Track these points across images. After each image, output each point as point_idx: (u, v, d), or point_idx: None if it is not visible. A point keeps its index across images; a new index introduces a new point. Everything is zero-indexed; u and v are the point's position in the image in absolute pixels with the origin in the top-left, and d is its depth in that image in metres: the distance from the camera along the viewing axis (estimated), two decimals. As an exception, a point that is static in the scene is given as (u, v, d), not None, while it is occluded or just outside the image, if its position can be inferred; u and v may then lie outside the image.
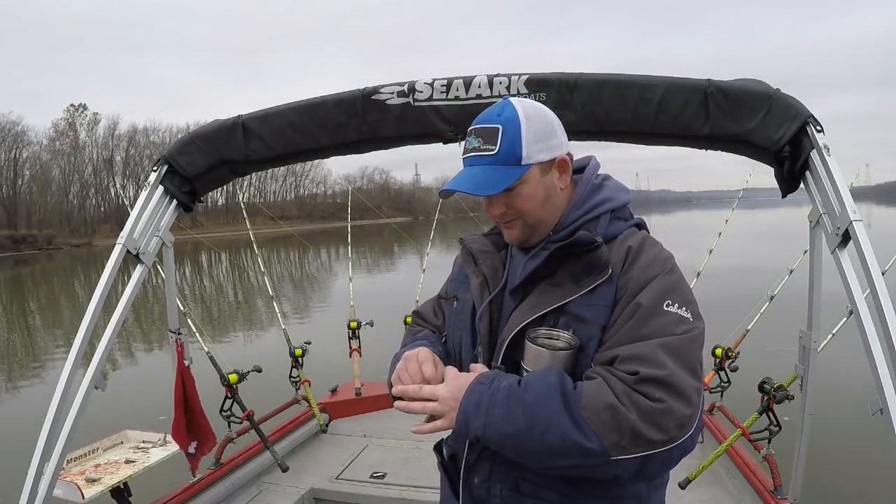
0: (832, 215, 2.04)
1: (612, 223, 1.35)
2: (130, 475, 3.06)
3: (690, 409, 1.11)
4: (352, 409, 4.69)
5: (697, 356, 1.17)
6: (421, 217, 66.89)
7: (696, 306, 1.22)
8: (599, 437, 1.08)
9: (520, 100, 1.35)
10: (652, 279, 1.22)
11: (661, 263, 1.25)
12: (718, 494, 3.27)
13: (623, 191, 1.41)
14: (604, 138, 2.49)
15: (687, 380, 1.12)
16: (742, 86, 2.24)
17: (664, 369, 1.11)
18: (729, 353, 3.68)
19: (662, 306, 1.18)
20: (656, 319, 1.17)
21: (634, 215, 1.42)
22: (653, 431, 1.08)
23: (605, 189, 1.39)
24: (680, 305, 1.19)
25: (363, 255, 31.18)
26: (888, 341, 1.79)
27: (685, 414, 1.10)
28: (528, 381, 1.18)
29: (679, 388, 1.10)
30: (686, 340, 1.16)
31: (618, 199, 1.38)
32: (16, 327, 17.16)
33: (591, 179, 1.40)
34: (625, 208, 1.40)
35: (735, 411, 3.68)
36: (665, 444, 1.09)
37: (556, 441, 1.10)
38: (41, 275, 37.02)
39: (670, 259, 1.28)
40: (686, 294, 1.23)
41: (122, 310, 2.47)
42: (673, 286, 1.22)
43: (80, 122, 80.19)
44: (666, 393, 1.10)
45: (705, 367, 3.91)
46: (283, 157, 2.74)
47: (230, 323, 15.25)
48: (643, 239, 1.31)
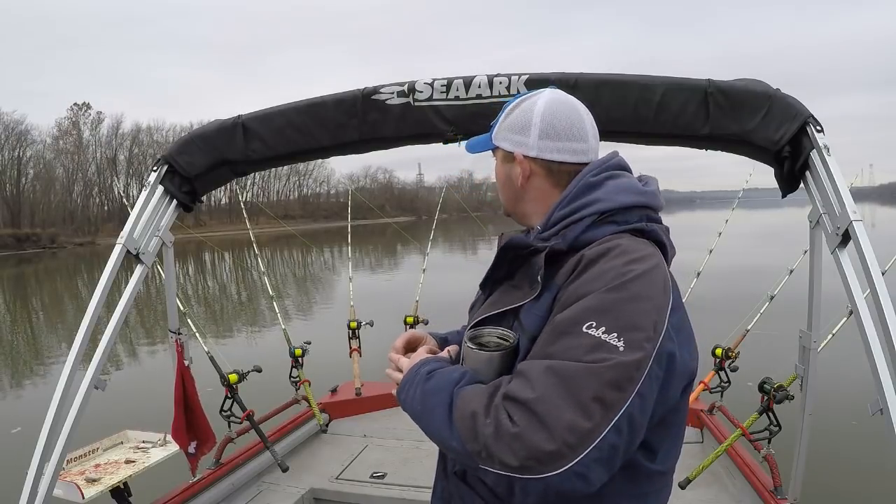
0: (832, 215, 2.04)
1: (595, 227, 1.19)
2: (130, 475, 3.06)
3: (553, 446, 0.95)
4: (352, 409, 4.69)
5: (596, 392, 0.97)
6: (424, 217, 66.91)
7: (640, 334, 1.02)
8: (463, 441, 1.05)
9: (544, 92, 1.33)
10: (585, 295, 1.06)
11: (610, 278, 1.06)
12: (718, 494, 3.27)
13: (626, 191, 1.23)
14: (604, 138, 2.45)
15: (560, 413, 0.96)
16: (742, 86, 2.24)
17: (532, 393, 0.99)
18: (729, 353, 3.67)
19: (581, 327, 1.03)
20: (566, 340, 1.03)
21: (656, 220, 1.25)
22: (504, 454, 0.98)
23: (600, 188, 1.23)
24: (608, 330, 1.01)
25: (366, 254, 31.19)
26: (888, 341, 1.79)
27: (542, 449, 0.96)
28: (438, 372, 1.20)
29: (542, 417, 0.97)
30: (587, 371, 0.99)
31: (610, 201, 1.21)
32: (19, 326, 17.22)
33: (586, 177, 1.25)
34: (628, 211, 1.21)
35: (735, 411, 3.68)
36: (518, 472, 0.98)
37: (435, 431, 1.12)
38: (44, 273, 37.12)
39: (629, 274, 1.07)
40: (628, 318, 1.03)
41: (123, 310, 2.48)
42: (609, 306, 1.04)
43: (83, 121, 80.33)
44: (524, 418, 0.98)
45: (705, 368, 3.91)
46: (283, 157, 2.75)
47: (231, 323, 15.29)
48: (608, 249, 1.12)
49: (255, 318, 15.01)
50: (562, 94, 1.33)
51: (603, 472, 0.99)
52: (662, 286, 1.10)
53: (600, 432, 0.97)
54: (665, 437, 1.16)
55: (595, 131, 1.33)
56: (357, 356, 4.94)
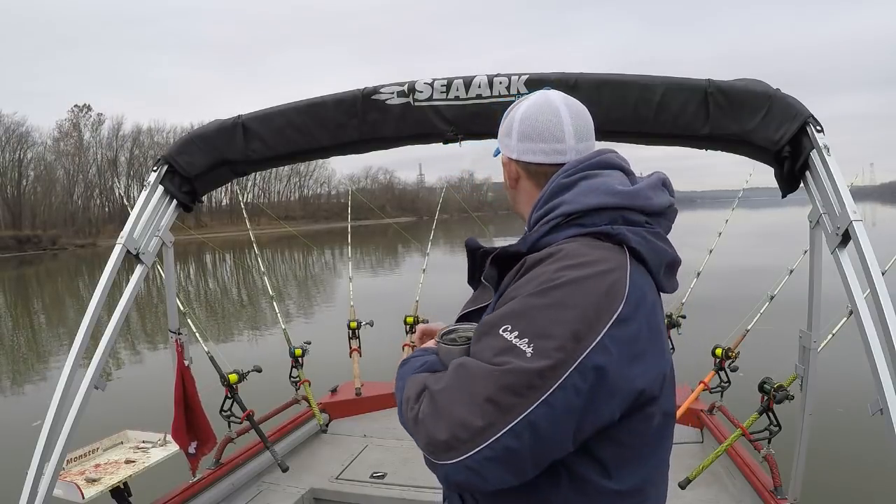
0: (832, 215, 2.04)
1: (558, 230, 1.17)
2: (130, 475, 3.06)
3: (443, 437, 0.98)
4: (352, 409, 4.69)
5: (488, 393, 0.97)
6: (425, 217, 67.02)
7: (550, 342, 0.98)
8: (403, 423, 1.12)
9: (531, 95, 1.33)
10: (513, 298, 1.06)
11: (538, 283, 1.04)
12: (718, 494, 3.27)
13: (595, 193, 1.16)
14: (604, 138, 2.48)
15: (454, 408, 0.99)
16: (742, 86, 2.25)
17: (439, 384, 1.04)
18: (729, 353, 3.67)
19: (498, 329, 1.03)
20: (484, 340, 1.05)
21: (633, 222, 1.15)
22: (417, 436, 1.05)
23: (571, 190, 1.19)
24: (521, 335, 0.99)
25: (367, 254, 31.18)
26: (888, 341, 1.79)
27: (436, 438, 0.99)
28: (410, 361, 1.25)
29: (439, 409, 1.01)
30: (485, 371, 0.99)
31: (575, 203, 1.15)
32: (20, 327, 17.23)
33: (558, 179, 1.22)
34: (595, 213, 1.15)
35: (735, 411, 3.68)
36: (426, 454, 1.03)
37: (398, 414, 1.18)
38: (45, 275, 37.14)
39: (557, 280, 1.03)
40: (542, 325, 1.00)
41: (122, 310, 2.48)
42: (526, 311, 1.02)
43: (84, 122, 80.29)
44: (430, 408, 1.03)
45: (705, 368, 3.89)
46: (283, 157, 2.75)
47: (232, 323, 15.29)
48: (550, 253, 1.10)
49: (256, 319, 15.03)
50: (546, 96, 1.30)
51: (502, 473, 0.99)
52: (603, 294, 1.02)
53: (493, 433, 0.96)
54: (622, 455, 1.09)
55: (582, 132, 1.28)
56: (357, 356, 4.94)
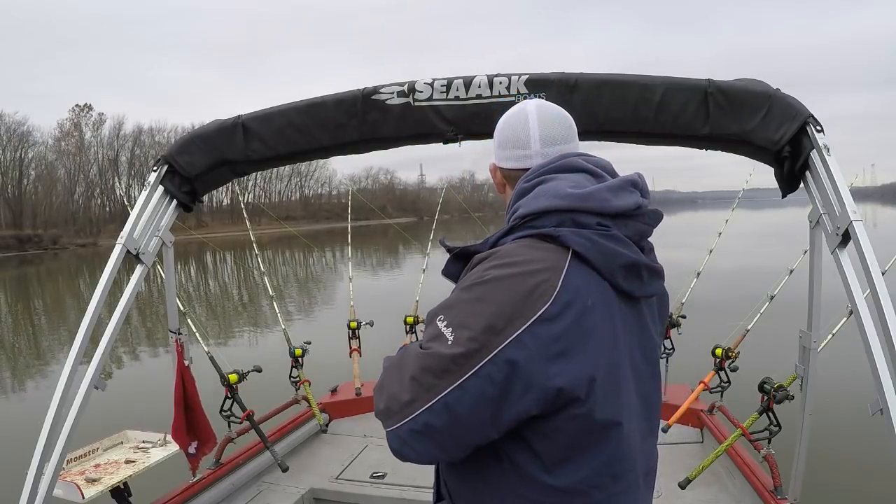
0: (832, 215, 2.04)
1: (511, 231, 1.22)
2: (130, 475, 3.05)
3: (381, 406, 1.18)
4: (352, 409, 4.69)
5: (412, 371, 1.11)
6: (426, 217, 67.26)
7: (467, 332, 1.06)
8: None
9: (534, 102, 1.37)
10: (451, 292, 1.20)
11: (470, 280, 1.14)
12: (718, 494, 3.27)
13: (544, 196, 1.19)
14: (604, 138, 2.49)
15: (389, 383, 1.18)
16: (742, 86, 2.24)
17: (386, 363, 1.24)
18: (729, 353, 3.66)
19: (436, 318, 1.15)
20: (427, 328, 1.18)
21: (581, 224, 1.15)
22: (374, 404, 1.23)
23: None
24: (448, 324, 1.10)
25: (368, 255, 31.18)
26: (888, 341, 1.79)
27: (377, 407, 1.19)
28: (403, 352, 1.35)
29: (382, 384, 1.20)
30: (417, 354, 1.14)
31: (526, 206, 1.21)
32: (21, 327, 17.24)
33: (520, 184, 1.29)
34: (543, 216, 1.18)
35: (735, 411, 3.67)
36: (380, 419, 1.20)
37: None
38: (46, 274, 37.16)
39: (484, 277, 1.11)
40: (462, 316, 1.09)
41: (122, 310, 2.48)
42: (453, 303, 1.14)
43: (85, 122, 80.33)
44: (379, 382, 1.22)
45: (705, 368, 3.88)
46: (283, 158, 2.75)
47: (232, 323, 15.29)
48: (490, 253, 1.17)
49: (256, 319, 15.04)
50: (522, 105, 1.36)
51: (426, 446, 1.12)
52: (525, 293, 1.07)
53: (416, 409, 1.10)
54: (555, 451, 1.11)
55: (550, 137, 1.31)
56: (357, 356, 4.94)
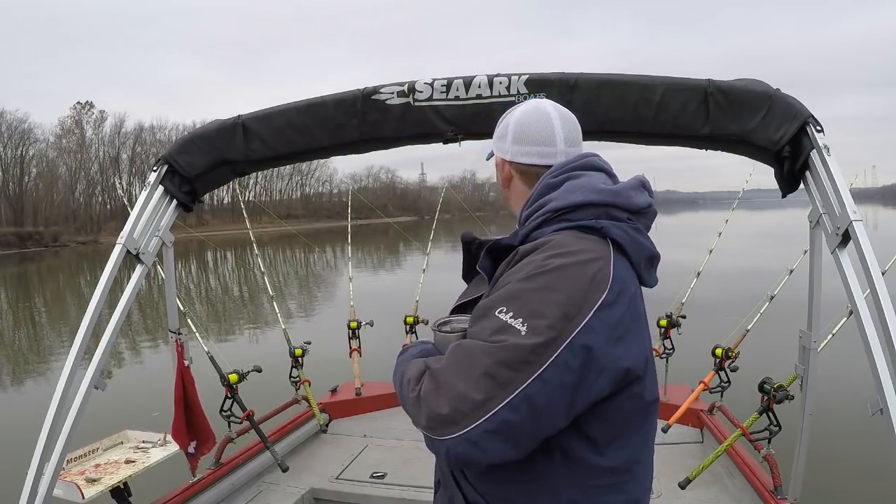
0: (832, 215, 2.04)
1: (546, 224, 1.25)
2: (130, 475, 3.06)
3: (444, 412, 1.05)
4: (352, 409, 4.69)
5: (487, 368, 1.04)
6: (427, 216, 67.36)
7: (543, 321, 1.05)
8: (405, 405, 1.20)
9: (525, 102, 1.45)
10: (506, 284, 1.15)
11: (529, 269, 1.13)
12: (718, 494, 3.27)
13: (580, 190, 1.25)
14: (604, 138, 2.49)
15: (454, 384, 1.06)
16: (742, 86, 2.24)
17: (439, 363, 1.13)
18: (729, 353, 3.66)
19: (493, 311, 1.11)
20: (481, 322, 1.13)
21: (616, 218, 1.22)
22: (417, 414, 1.12)
23: (560, 189, 1.28)
24: (515, 315, 1.07)
25: (368, 254, 31.14)
26: (888, 341, 1.79)
27: (438, 413, 1.06)
28: (408, 350, 1.34)
29: (441, 386, 1.08)
30: (483, 348, 1.07)
31: (562, 199, 1.25)
32: (21, 325, 17.25)
33: (546, 179, 1.32)
34: (581, 209, 1.23)
35: (735, 411, 3.67)
36: (427, 431, 1.10)
37: (398, 397, 1.25)
38: (47, 272, 37.18)
39: (547, 266, 1.12)
40: (534, 305, 1.08)
41: (122, 310, 2.48)
42: (519, 294, 1.11)
43: (86, 119, 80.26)
44: (431, 385, 1.10)
45: (705, 368, 3.88)
46: (283, 157, 2.75)
47: (232, 322, 15.28)
48: (541, 243, 1.18)
49: (256, 318, 15.02)
50: (539, 104, 1.41)
51: (502, 446, 1.05)
52: (588, 280, 1.10)
53: (493, 407, 1.03)
54: (612, 432, 1.16)
55: (571, 138, 1.38)
56: (357, 356, 4.94)
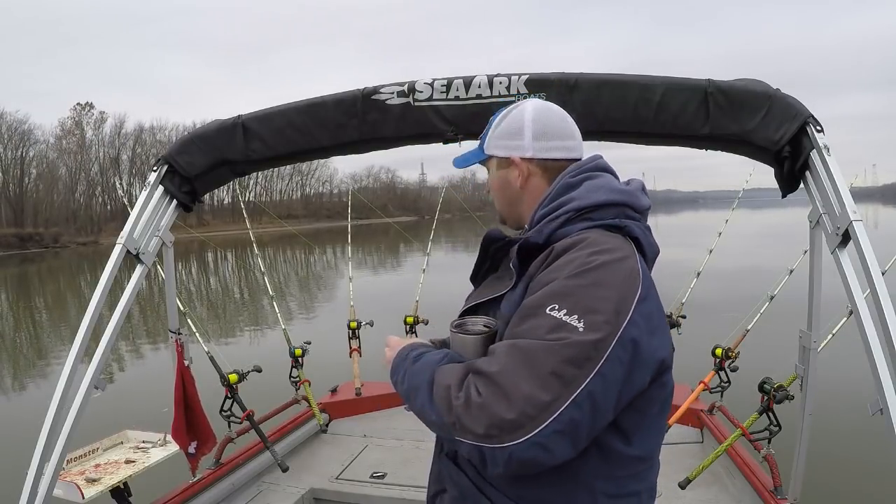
0: (832, 215, 2.04)
1: (570, 223, 1.27)
2: (130, 475, 3.06)
3: (512, 415, 1.02)
4: (352, 409, 4.69)
5: (554, 367, 1.04)
6: (427, 216, 67.25)
7: (599, 317, 1.07)
8: (440, 414, 1.13)
9: (528, 101, 1.45)
10: (552, 281, 1.14)
11: (574, 266, 1.13)
12: (718, 494, 3.27)
13: (601, 190, 1.30)
14: (604, 138, 2.48)
15: (519, 385, 1.04)
16: (742, 86, 2.24)
17: (495, 366, 1.08)
18: (729, 353, 3.66)
19: (544, 309, 1.10)
20: (530, 321, 1.11)
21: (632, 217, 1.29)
22: (471, 423, 1.06)
23: (578, 188, 1.31)
24: (569, 312, 1.08)
25: (368, 254, 31.12)
26: (888, 341, 1.79)
27: (503, 417, 1.03)
28: (424, 355, 1.28)
29: (503, 389, 1.04)
30: (544, 347, 1.06)
31: (585, 199, 1.28)
32: (22, 325, 17.25)
33: (565, 178, 1.35)
34: (603, 208, 1.28)
35: (735, 411, 3.67)
36: (485, 440, 1.05)
37: (419, 408, 1.20)
38: (47, 273, 37.18)
39: (592, 263, 1.13)
40: (587, 302, 1.09)
41: (122, 310, 2.47)
42: (570, 290, 1.11)
43: (86, 120, 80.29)
44: (487, 389, 1.06)
45: (705, 368, 3.88)
46: (283, 157, 2.75)
47: (232, 322, 15.28)
48: (577, 240, 1.20)
49: (256, 318, 15.02)
50: (544, 103, 1.46)
51: (566, 446, 1.05)
52: (627, 276, 1.14)
53: (559, 406, 1.03)
54: (640, 422, 1.20)
55: (579, 132, 1.44)
56: (357, 356, 4.94)
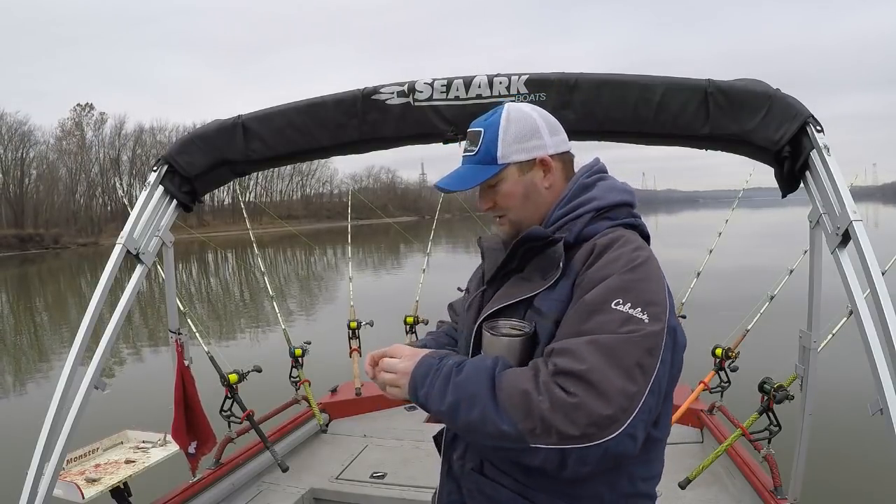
0: (832, 215, 2.03)
1: (593, 222, 1.33)
2: (130, 475, 3.05)
3: (609, 410, 1.05)
4: (352, 409, 4.69)
5: (636, 358, 1.10)
6: (427, 216, 67.10)
7: (659, 308, 1.16)
8: (514, 422, 1.09)
9: (513, 104, 1.44)
10: (607, 277, 1.19)
11: (624, 262, 1.20)
12: (718, 494, 3.26)
13: (615, 191, 1.39)
14: (604, 138, 2.49)
15: (611, 379, 1.07)
16: (742, 86, 2.24)
17: (583, 364, 1.08)
18: (729, 353, 3.66)
19: (609, 304, 1.15)
20: (598, 317, 1.14)
21: (637, 216, 1.39)
22: (564, 424, 1.05)
23: (594, 188, 1.38)
24: (633, 305, 1.14)
25: (369, 254, 31.12)
26: (888, 341, 1.78)
27: (601, 413, 1.05)
28: (466, 361, 1.24)
29: (597, 385, 1.06)
30: (624, 340, 1.11)
31: (605, 199, 1.36)
32: (23, 326, 17.25)
33: (580, 179, 1.40)
34: (618, 208, 1.37)
35: (735, 411, 3.67)
36: (579, 441, 1.05)
37: (477, 419, 1.14)
38: (48, 273, 37.18)
39: (638, 259, 1.22)
40: (646, 295, 1.17)
41: (122, 310, 2.47)
42: (629, 285, 1.17)
43: (86, 121, 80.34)
44: (580, 388, 1.07)
45: (705, 368, 3.89)
46: (283, 158, 2.74)
47: (232, 322, 15.28)
48: (615, 238, 1.27)
49: (256, 318, 15.00)
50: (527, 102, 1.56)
51: (644, 433, 1.12)
52: (659, 270, 1.25)
53: (643, 395, 1.09)
54: (664, 405, 1.26)
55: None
56: (357, 356, 4.94)
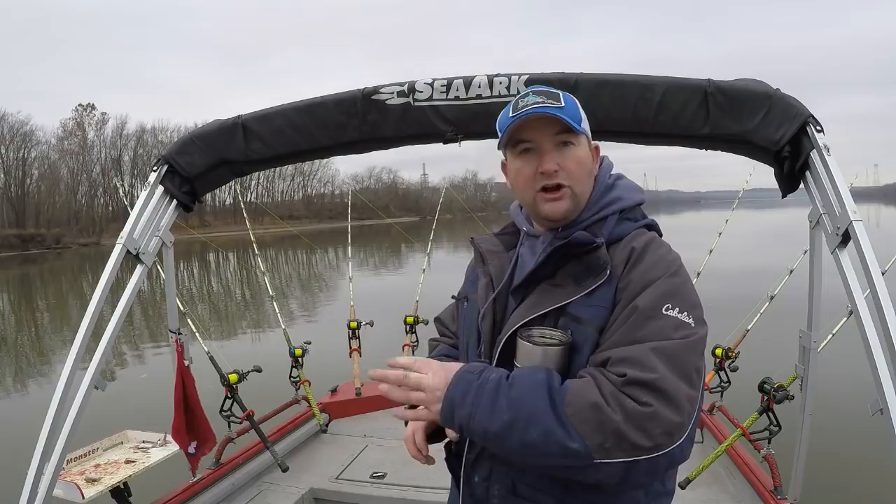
0: (832, 215, 2.03)
1: (620, 224, 1.33)
2: (130, 475, 3.06)
3: (680, 417, 1.06)
4: (352, 409, 4.70)
5: (694, 363, 1.12)
6: (429, 217, 67.00)
7: (700, 311, 1.18)
8: (583, 437, 1.05)
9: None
10: (653, 282, 1.18)
11: (666, 266, 1.21)
12: (718, 494, 3.26)
13: (635, 191, 1.40)
14: (604, 138, 2.48)
15: (679, 386, 1.07)
16: (742, 86, 2.23)
17: (654, 373, 1.06)
18: (729, 353, 3.66)
19: (661, 310, 1.14)
20: (653, 323, 1.13)
21: (647, 216, 1.40)
22: (638, 436, 1.04)
23: (616, 189, 1.38)
24: (681, 310, 1.15)
25: (370, 254, 31.11)
26: (888, 341, 1.78)
27: (674, 421, 1.05)
28: (515, 375, 1.16)
29: (669, 393, 1.06)
30: (682, 346, 1.11)
31: (629, 200, 1.37)
32: (23, 326, 17.26)
33: (605, 179, 1.39)
34: (636, 209, 1.38)
35: (735, 411, 3.67)
36: (650, 451, 1.05)
37: (538, 438, 1.07)
38: (49, 274, 37.20)
39: (676, 261, 1.24)
40: (690, 298, 1.18)
41: (122, 310, 2.47)
42: (675, 290, 1.18)
43: (88, 121, 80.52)
44: (653, 397, 1.05)
45: (705, 368, 3.88)
46: (283, 157, 2.74)
47: (232, 322, 15.28)
48: (649, 240, 1.27)
49: (256, 318, 15.01)
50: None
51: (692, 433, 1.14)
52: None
53: (699, 398, 1.13)
54: None
55: None
56: (357, 356, 4.95)
